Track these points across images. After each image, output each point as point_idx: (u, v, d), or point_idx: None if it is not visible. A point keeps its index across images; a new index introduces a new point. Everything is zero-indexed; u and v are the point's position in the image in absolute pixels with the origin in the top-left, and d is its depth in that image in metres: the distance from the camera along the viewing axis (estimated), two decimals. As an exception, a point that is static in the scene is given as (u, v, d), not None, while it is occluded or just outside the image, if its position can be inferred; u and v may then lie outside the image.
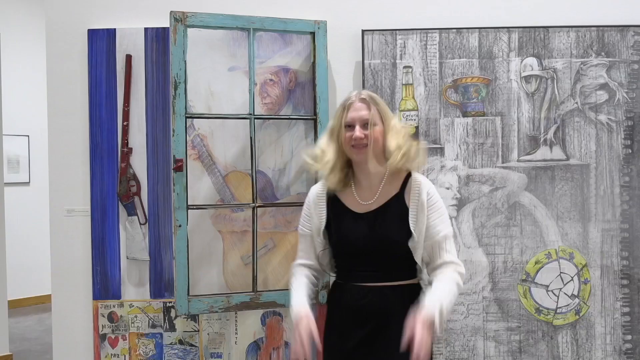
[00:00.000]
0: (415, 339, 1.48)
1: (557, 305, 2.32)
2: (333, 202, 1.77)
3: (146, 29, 2.34)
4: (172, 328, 2.35)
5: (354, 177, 1.76)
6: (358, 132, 1.67)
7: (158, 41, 2.34)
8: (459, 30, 2.32)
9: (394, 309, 1.67)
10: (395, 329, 1.66)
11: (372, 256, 1.70)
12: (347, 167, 1.76)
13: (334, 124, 1.75)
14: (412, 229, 1.67)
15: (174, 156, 2.07)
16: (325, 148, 1.75)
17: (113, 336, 2.35)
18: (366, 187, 1.74)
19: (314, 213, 1.79)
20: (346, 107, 1.71)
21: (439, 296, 1.59)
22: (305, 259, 1.81)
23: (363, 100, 1.70)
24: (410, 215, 1.68)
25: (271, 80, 2.33)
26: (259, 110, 2.31)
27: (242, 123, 2.28)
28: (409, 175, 1.73)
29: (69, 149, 2.36)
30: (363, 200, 1.73)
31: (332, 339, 1.79)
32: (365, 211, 1.72)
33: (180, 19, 2.08)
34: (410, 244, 1.67)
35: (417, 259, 1.69)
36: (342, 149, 1.72)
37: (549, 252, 2.32)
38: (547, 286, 2.32)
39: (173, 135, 2.08)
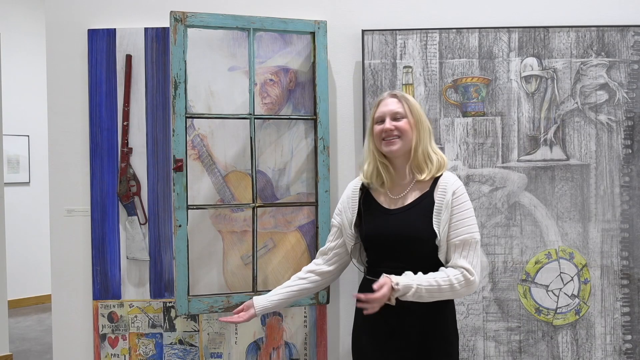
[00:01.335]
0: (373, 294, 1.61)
1: (557, 305, 2.32)
2: (366, 197, 1.85)
3: (146, 29, 2.34)
4: (172, 328, 2.35)
5: (388, 174, 1.82)
6: (388, 124, 1.76)
7: (158, 41, 2.34)
8: (459, 30, 2.32)
9: (418, 306, 1.68)
10: (418, 327, 1.71)
11: (399, 252, 1.74)
12: (383, 165, 1.83)
13: (369, 124, 1.86)
14: (435, 227, 1.69)
15: (174, 156, 2.07)
16: (365, 150, 1.88)
17: (113, 336, 2.35)
18: (397, 184, 1.80)
19: (347, 206, 1.88)
20: (378, 104, 1.82)
21: (422, 278, 1.65)
22: (326, 246, 1.95)
23: (394, 95, 1.81)
24: (434, 214, 1.70)
25: (271, 80, 2.33)
26: (259, 110, 2.31)
27: (242, 123, 2.28)
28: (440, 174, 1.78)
29: (69, 149, 2.37)
30: (394, 196, 1.79)
31: (358, 334, 1.85)
32: (394, 207, 1.77)
33: (180, 19, 2.08)
34: (436, 242, 1.71)
35: (441, 257, 1.71)
36: (375, 147, 1.82)
37: (549, 252, 2.32)
38: (547, 286, 2.32)
39: (173, 135, 2.08)
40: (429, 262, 1.71)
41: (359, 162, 2.30)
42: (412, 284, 1.63)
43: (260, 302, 1.89)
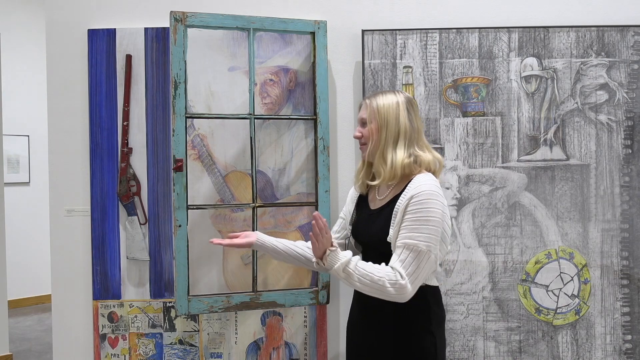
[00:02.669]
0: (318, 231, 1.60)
1: (557, 305, 2.32)
2: (361, 197, 1.91)
3: (146, 29, 2.34)
4: (172, 328, 2.35)
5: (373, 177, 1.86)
6: (356, 131, 1.82)
7: (158, 41, 2.34)
8: (459, 30, 2.32)
9: (387, 304, 1.66)
10: (387, 327, 1.72)
11: (372, 251, 1.78)
12: (361, 168, 1.88)
13: None
14: (390, 229, 1.68)
15: (174, 156, 2.07)
16: None
17: (113, 336, 2.35)
18: (384, 186, 1.81)
19: (349, 201, 1.95)
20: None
21: (363, 263, 1.63)
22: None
23: (365, 100, 1.82)
24: (392, 216, 1.69)
25: (271, 80, 2.33)
26: (259, 110, 2.31)
27: (242, 123, 2.28)
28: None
29: (69, 149, 2.37)
30: (379, 197, 1.81)
31: (349, 326, 1.92)
32: (374, 208, 1.81)
33: (180, 19, 2.08)
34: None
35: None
36: None
37: (549, 252, 2.32)
38: (547, 286, 2.32)
39: (173, 135, 2.08)
40: None
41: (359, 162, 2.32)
42: (348, 258, 1.60)
43: (262, 236, 1.89)
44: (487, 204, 2.32)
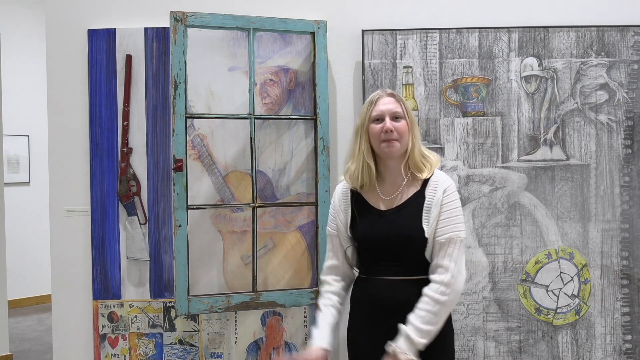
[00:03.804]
0: None
1: (557, 305, 2.32)
2: (357, 199, 1.81)
3: (146, 29, 2.34)
4: (172, 328, 2.35)
5: (378, 175, 1.77)
6: (389, 123, 1.70)
7: (158, 41, 2.34)
8: (459, 30, 2.32)
9: (415, 302, 1.67)
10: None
11: (394, 252, 1.73)
12: (368, 166, 1.76)
13: (359, 122, 1.78)
14: (424, 225, 1.69)
15: (174, 156, 2.07)
16: (352, 150, 1.79)
17: (113, 336, 2.35)
18: (389, 184, 1.77)
19: (339, 210, 1.83)
20: (374, 102, 1.75)
21: (411, 318, 1.64)
22: (333, 259, 1.85)
23: (391, 95, 1.76)
24: (424, 211, 1.70)
25: (271, 80, 2.33)
26: (259, 110, 2.31)
27: (242, 123, 2.28)
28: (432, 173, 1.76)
29: (69, 149, 2.37)
30: (386, 197, 1.76)
31: (355, 332, 1.82)
32: (387, 208, 1.75)
33: (180, 19, 2.08)
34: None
35: (427, 255, 1.70)
36: (368, 146, 1.75)
37: (549, 252, 2.32)
38: (547, 286, 2.32)
39: (173, 135, 2.08)
40: (423, 260, 1.71)
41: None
42: (408, 332, 1.63)
43: (325, 340, 1.75)
44: (487, 204, 2.32)
